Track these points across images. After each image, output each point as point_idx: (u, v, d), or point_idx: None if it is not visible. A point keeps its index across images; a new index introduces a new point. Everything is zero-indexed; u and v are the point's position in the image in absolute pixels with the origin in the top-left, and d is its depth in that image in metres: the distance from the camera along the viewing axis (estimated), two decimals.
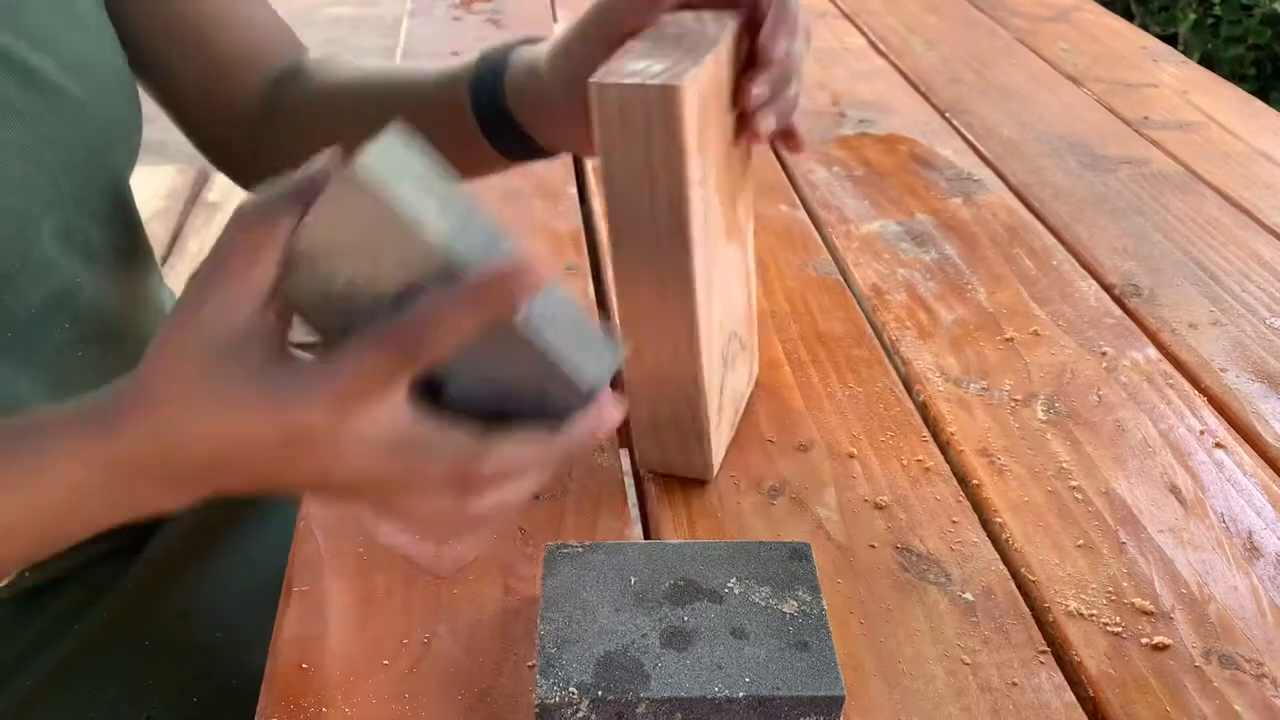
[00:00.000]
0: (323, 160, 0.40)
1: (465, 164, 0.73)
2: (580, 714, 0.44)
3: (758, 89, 0.56)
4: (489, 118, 0.65)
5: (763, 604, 0.48)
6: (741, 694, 0.44)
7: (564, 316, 0.41)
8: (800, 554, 0.51)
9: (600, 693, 0.44)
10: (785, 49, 0.56)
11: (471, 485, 0.41)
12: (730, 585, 0.49)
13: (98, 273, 0.63)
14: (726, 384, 0.61)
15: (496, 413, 0.42)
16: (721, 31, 0.54)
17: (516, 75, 0.63)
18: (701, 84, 0.51)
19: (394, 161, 0.38)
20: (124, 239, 0.67)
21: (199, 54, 0.70)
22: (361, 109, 0.71)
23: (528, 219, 0.88)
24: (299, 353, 0.41)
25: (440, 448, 0.41)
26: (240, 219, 0.39)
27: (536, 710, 0.44)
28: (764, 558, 0.50)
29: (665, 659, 0.45)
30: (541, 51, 0.62)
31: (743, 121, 0.58)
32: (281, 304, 0.41)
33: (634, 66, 0.51)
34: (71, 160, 0.61)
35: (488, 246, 0.39)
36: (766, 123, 0.57)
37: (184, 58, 0.70)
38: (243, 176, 0.78)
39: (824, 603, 0.48)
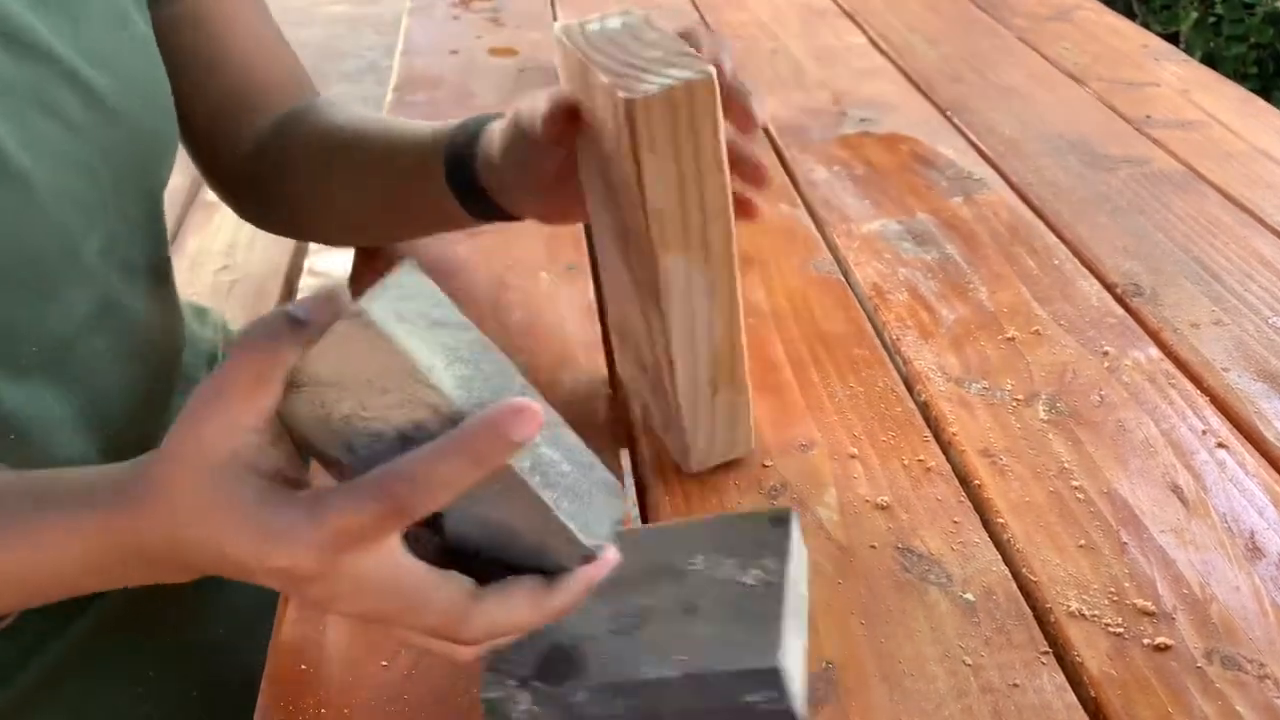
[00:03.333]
0: (331, 294, 0.40)
1: (439, 221, 0.77)
2: (523, 707, 0.44)
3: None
4: (463, 189, 0.70)
5: (723, 577, 0.46)
6: (676, 673, 0.43)
7: (571, 464, 0.40)
8: (780, 519, 0.49)
9: (539, 684, 0.44)
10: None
11: (460, 639, 0.41)
12: (695, 561, 0.47)
13: (134, 286, 0.65)
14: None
15: (494, 556, 0.41)
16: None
17: (486, 152, 0.67)
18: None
19: (403, 301, 0.38)
20: (156, 252, 0.70)
21: (208, 85, 0.73)
22: (343, 162, 0.75)
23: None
24: (291, 491, 0.40)
25: (429, 600, 0.40)
26: (245, 343, 0.39)
27: (483, 706, 0.44)
28: (738, 527, 0.49)
29: (611, 645, 0.44)
30: (496, 136, 0.66)
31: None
32: (280, 428, 0.40)
33: (651, 79, 0.50)
34: (119, 174, 0.63)
35: (497, 390, 0.38)
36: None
37: (194, 87, 0.72)
38: (239, 206, 0.81)
39: (789, 567, 0.46)
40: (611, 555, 0.41)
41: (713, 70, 0.50)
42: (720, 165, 0.52)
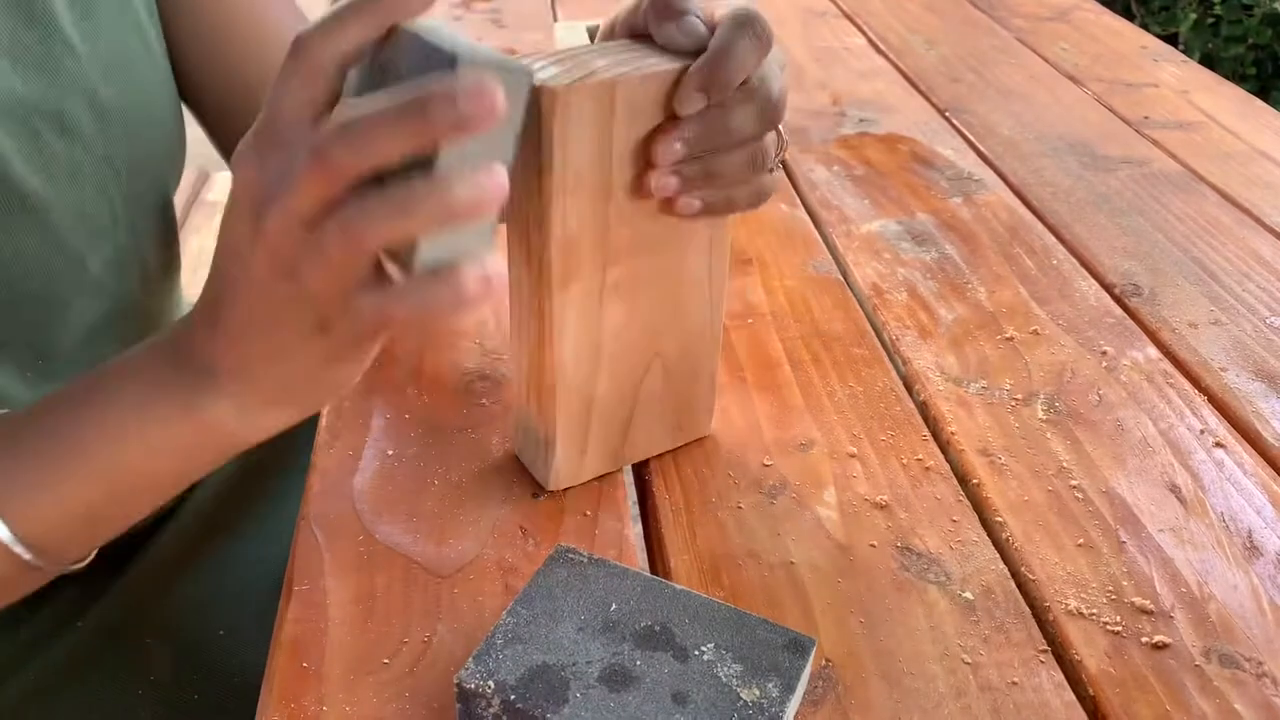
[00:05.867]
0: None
1: None
2: (493, 710, 0.44)
3: (664, 146, 0.50)
4: None
5: (724, 680, 0.45)
6: None
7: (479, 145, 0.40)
8: (799, 647, 0.47)
9: (513, 698, 0.44)
10: (696, 107, 0.49)
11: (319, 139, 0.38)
12: (703, 649, 0.47)
13: (146, 290, 0.65)
14: (601, 394, 0.58)
15: None
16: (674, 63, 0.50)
17: None
18: (598, 92, 0.49)
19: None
20: (168, 255, 0.69)
21: (224, 55, 0.70)
22: None
23: None
24: None
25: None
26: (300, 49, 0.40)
27: (455, 689, 0.45)
28: (758, 636, 0.47)
29: (593, 693, 0.44)
30: None
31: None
32: None
33: (563, 66, 0.49)
34: (130, 188, 0.63)
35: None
36: (661, 182, 0.51)
37: (206, 58, 0.70)
38: None
39: (789, 701, 0.45)
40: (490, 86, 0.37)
41: (531, 75, 0.44)
42: (544, 172, 0.50)
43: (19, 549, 0.46)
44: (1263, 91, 2.55)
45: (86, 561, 0.52)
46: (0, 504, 0.46)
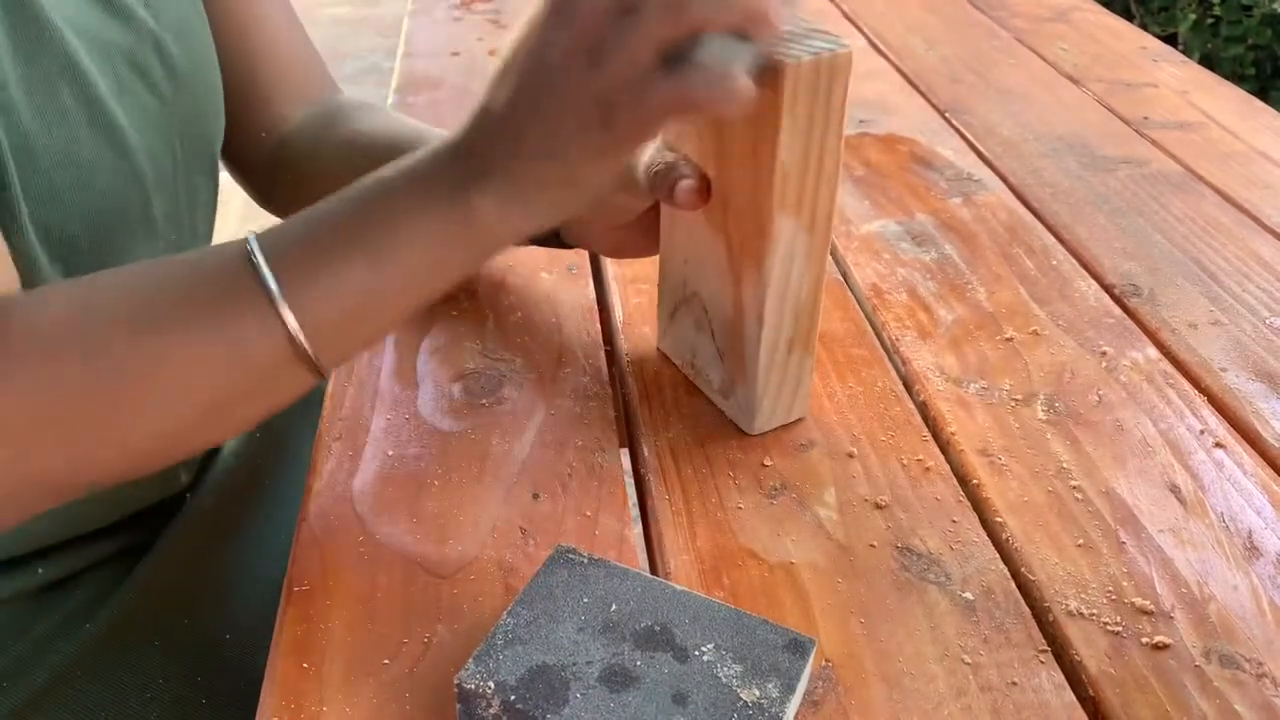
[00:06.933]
0: None
1: None
2: (493, 710, 0.44)
3: None
4: None
5: (724, 681, 0.45)
6: None
7: None
8: (799, 648, 0.47)
9: (513, 698, 0.44)
10: None
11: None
12: (703, 650, 0.46)
13: (193, 247, 0.67)
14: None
15: None
16: None
17: None
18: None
19: None
20: (210, 223, 0.73)
21: (234, 69, 0.74)
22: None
23: None
24: None
25: None
26: None
27: (455, 689, 0.45)
28: (758, 637, 0.47)
29: (594, 693, 0.44)
30: None
31: None
32: None
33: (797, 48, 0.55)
34: (189, 143, 0.66)
35: None
36: None
37: (228, 77, 0.73)
38: (257, 194, 0.84)
39: (789, 702, 0.45)
40: None
41: (851, 46, 0.54)
42: (840, 134, 0.56)
43: (303, 339, 0.47)
44: (1262, 92, 2.55)
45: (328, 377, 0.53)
46: (290, 293, 0.46)
